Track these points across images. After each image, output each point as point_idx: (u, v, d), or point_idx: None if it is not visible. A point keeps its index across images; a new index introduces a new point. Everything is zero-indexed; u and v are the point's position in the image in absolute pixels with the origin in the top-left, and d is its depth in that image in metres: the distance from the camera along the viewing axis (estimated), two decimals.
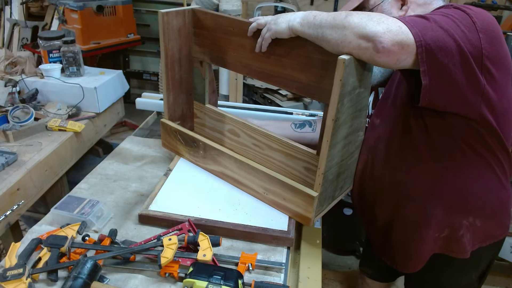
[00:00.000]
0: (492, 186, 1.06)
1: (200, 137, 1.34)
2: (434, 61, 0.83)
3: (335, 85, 0.92)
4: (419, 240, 1.12)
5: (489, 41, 0.87)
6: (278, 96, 2.48)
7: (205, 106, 1.46)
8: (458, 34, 0.84)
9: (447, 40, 0.83)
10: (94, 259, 0.93)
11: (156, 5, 3.87)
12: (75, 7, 3.02)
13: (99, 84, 1.82)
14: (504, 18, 3.49)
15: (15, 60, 1.97)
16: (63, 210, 1.14)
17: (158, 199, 1.22)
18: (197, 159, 1.39)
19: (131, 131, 2.88)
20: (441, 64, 0.84)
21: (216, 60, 1.31)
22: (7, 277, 0.90)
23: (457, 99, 0.91)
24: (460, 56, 0.84)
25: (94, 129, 1.87)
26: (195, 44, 1.33)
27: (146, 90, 4.19)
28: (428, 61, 0.83)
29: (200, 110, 1.49)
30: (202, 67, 1.37)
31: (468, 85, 0.88)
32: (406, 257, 1.18)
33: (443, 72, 0.85)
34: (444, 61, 0.84)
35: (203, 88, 1.43)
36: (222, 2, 2.28)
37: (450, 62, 0.84)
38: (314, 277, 1.05)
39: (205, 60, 1.35)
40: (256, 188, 1.24)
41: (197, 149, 1.36)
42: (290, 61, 1.10)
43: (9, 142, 1.57)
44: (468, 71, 0.86)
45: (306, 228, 1.22)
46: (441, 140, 1.01)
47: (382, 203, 1.19)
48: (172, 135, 1.42)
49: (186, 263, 0.98)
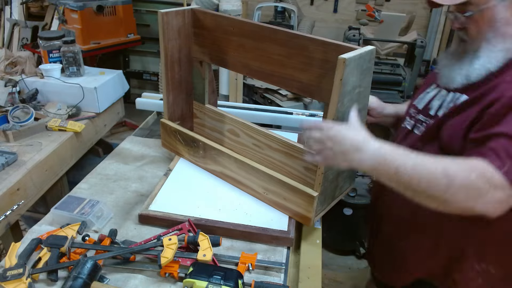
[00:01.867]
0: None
1: (199, 137, 1.34)
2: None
3: (335, 85, 0.92)
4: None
5: None
6: (278, 96, 2.48)
7: (205, 106, 1.47)
8: None
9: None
10: (94, 259, 0.93)
11: (156, 5, 3.87)
12: (75, 7, 3.02)
13: (99, 84, 1.82)
14: None
15: (15, 60, 1.97)
16: (63, 210, 1.14)
17: (158, 199, 1.22)
18: (197, 159, 1.39)
19: (131, 131, 2.88)
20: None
21: (216, 60, 1.31)
22: (7, 277, 0.90)
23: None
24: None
25: (94, 129, 1.87)
26: (195, 44, 1.33)
27: (146, 90, 4.19)
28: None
29: (200, 110, 1.49)
30: (202, 67, 1.38)
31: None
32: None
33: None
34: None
35: (203, 88, 1.43)
36: (222, 2, 2.29)
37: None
38: (314, 277, 1.05)
39: (204, 60, 1.35)
40: (256, 188, 1.24)
41: (197, 149, 1.36)
42: (291, 61, 1.10)
43: (9, 142, 1.56)
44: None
45: (306, 228, 1.22)
46: None
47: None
48: (172, 135, 1.42)
49: (186, 263, 0.98)
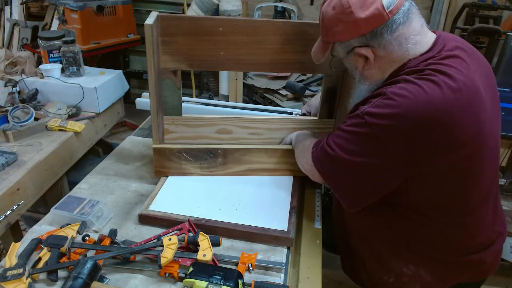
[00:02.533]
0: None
1: (217, 146, 1.32)
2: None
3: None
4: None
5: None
6: (278, 96, 2.48)
7: (181, 117, 1.36)
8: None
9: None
10: (94, 259, 0.93)
11: (156, 5, 3.87)
12: (75, 7, 3.02)
13: (99, 84, 1.82)
14: (504, 18, 3.49)
15: (15, 60, 1.97)
16: (63, 210, 1.14)
17: (158, 199, 1.22)
18: (213, 169, 1.35)
19: (131, 131, 2.88)
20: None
21: (197, 64, 1.26)
22: (7, 277, 0.90)
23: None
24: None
25: (94, 129, 1.87)
26: (165, 54, 1.23)
27: (146, 90, 4.16)
28: None
29: (174, 123, 1.37)
30: (176, 76, 1.28)
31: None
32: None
33: None
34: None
35: (178, 98, 1.32)
36: (222, 2, 2.28)
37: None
38: (314, 277, 1.05)
39: (180, 68, 1.26)
40: (288, 167, 1.35)
41: (214, 158, 1.32)
42: (291, 46, 1.22)
43: (9, 142, 1.56)
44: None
45: (306, 228, 1.22)
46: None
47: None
48: (173, 157, 1.31)
49: (186, 263, 0.98)
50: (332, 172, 1.03)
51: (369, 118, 0.91)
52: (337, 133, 1.01)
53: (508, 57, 1.56)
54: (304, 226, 1.22)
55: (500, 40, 2.66)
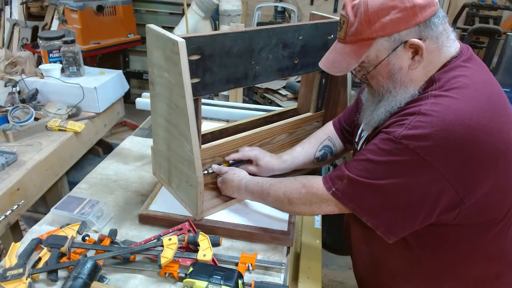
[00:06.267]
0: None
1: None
2: None
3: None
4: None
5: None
6: (278, 96, 2.49)
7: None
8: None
9: None
10: (94, 259, 0.93)
11: (156, 5, 3.87)
12: (75, 7, 3.03)
13: (99, 84, 1.82)
14: (504, 18, 3.50)
15: (15, 60, 1.97)
16: (63, 210, 1.14)
17: (158, 199, 1.22)
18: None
19: (131, 131, 2.88)
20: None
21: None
22: (7, 277, 0.90)
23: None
24: None
25: (94, 129, 1.87)
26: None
27: (146, 90, 4.18)
28: None
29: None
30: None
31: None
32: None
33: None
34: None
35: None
36: (222, 2, 2.29)
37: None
38: (314, 277, 1.05)
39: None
40: None
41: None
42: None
43: (9, 142, 1.57)
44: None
45: (306, 228, 1.22)
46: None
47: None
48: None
49: (186, 263, 0.98)
50: (373, 206, 0.88)
51: (409, 142, 0.80)
52: (365, 166, 0.87)
53: (508, 57, 1.56)
54: (304, 226, 1.23)
55: (500, 40, 2.67)
